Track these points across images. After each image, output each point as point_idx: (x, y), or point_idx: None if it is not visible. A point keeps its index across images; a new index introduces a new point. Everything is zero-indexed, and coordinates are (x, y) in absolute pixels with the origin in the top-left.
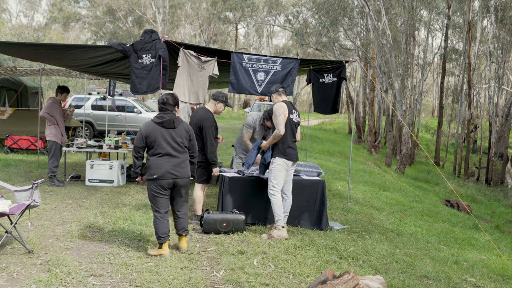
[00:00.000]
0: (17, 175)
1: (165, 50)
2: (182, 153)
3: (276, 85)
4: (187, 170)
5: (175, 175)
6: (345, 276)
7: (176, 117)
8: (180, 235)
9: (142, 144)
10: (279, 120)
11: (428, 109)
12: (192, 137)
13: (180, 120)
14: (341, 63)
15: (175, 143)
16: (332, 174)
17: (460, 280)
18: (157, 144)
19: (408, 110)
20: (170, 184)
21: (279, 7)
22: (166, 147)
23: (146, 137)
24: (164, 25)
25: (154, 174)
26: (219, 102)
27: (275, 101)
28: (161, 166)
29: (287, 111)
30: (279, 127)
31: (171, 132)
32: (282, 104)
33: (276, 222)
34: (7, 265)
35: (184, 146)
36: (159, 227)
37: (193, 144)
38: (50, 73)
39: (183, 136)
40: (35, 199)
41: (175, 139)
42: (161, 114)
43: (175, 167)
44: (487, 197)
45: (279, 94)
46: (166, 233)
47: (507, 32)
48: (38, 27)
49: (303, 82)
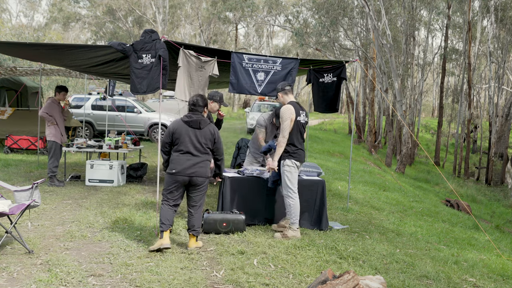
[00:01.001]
0: (17, 175)
1: (165, 50)
2: (203, 154)
3: (282, 83)
4: (206, 170)
5: (192, 173)
6: (345, 276)
7: (203, 119)
8: (189, 234)
9: (168, 140)
10: (285, 125)
11: (428, 109)
12: (217, 140)
13: (208, 122)
14: (341, 63)
15: (198, 143)
16: (332, 174)
17: (460, 280)
18: (181, 142)
19: (408, 110)
20: (185, 181)
21: (279, 7)
22: (189, 145)
23: (172, 134)
24: (164, 25)
25: (173, 169)
26: (213, 101)
27: (282, 100)
28: (181, 163)
29: (294, 115)
30: (284, 132)
31: (196, 132)
32: (290, 107)
33: (292, 224)
34: (7, 265)
35: (207, 148)
36: (162, 214)
37: (218, 147)
38: (50, 73)
39: (207, 138)
40: (35, 199)
41: (199, 139)
42: (190, 114)
43: (194, 165)
44: (487, 197)
45: (286, 93)
46: (168, 221)
47: (507, 32)
48: (38, 27)
49: (303, 82)
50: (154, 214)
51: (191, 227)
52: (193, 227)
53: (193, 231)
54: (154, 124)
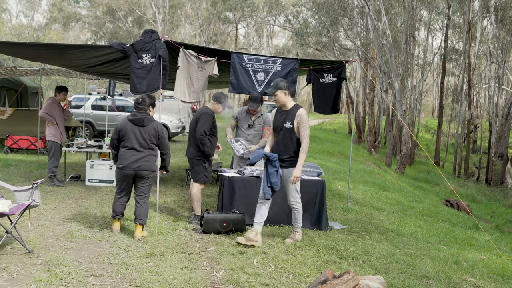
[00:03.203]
0: (17, 175)
1: (165, 50)
2: (147, 149)
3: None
4: (149, 164)
5: (138, 167)
6: (345, 276)
7: (147, 117)
8: (135, 223)
9: (115, 137)
10: (308, 131)
11: (428, 109)
12: (161, 136)
13: (152, 120)
14: (341, 63)
15: (143, 139)
16: (332, 174)
17: (460, 280)
18: (126, 138)
19: (408, 110)
20: (131, 174)
21: (279, 7)
22: (133, 142)
23: (119, 131)
24: (164, 25)
25: (120, 164)
26: (217, 103)
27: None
28: (126, 158)
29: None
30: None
31: (141, 129)
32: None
33: (298, 228)
34: (7, 265)
35: (151, 143)
36: (113, 206)
37: (162, 142)
38: (50, 73)
39: (151, 134)
40: (35, 199)
41: (143, 136)
42: (135, 112)
43: (138, 160)
44: (487, 197)
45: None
46: (116, 212)
47: (507, 32)
48: (38, 27)
49: (303, 82)
50: (154, 214)
51: (137, 216)
52: (139, 216)
53: (139, 220)
54: None
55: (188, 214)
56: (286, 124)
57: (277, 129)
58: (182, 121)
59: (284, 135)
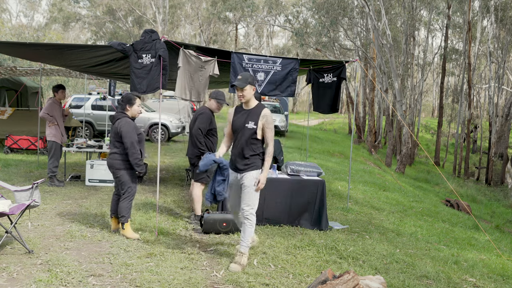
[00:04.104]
0: (17, 175)
1: (165, 50)
2: (114, 147)
3: (251, 75)
4: (113, 162)
5: (108, 164)
6: (345, 276)
7: (117, 115)
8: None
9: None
10: (273, 134)
11: (428, 109)
12: (122, 135)
13: (118, 118)
14: (341, 63)
15: (112, 137)
16: (332, 174)
17: (460, 280)
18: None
19: (408, 110)
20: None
21: (279, 7)
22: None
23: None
24: (164, 25)
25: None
26: (211, 98)
27: (248, 97)
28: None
29: None
30: (273, 142)
31: (112, 127)
32: (269, 110)
33: (246, 248)
34: (7, 265)
35: (115, 141)
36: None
37: (124, 141)
38: (50, 73)
39: (115, 132)
40: (35, 199)
41: (112, 134)
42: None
43: (108, 158)
44: (487, 197)
45: (255, 90)
46: (111, 210)
47: (507, 32)
48: (38, 27)
49: (303, 82)
50: (154, 214)
51: (115, 211)
52: (119, 213)
53: (119, 217)
54: (154, 124)
55: (188, 214)
56: (249, 125)
57: (238, 129)
58: (182, 121)
59: (244, 136)
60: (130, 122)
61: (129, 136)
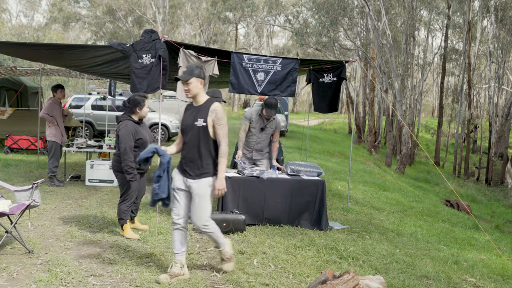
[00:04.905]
0: (17, 175)
1: (165, 50)
2: (116, 150)
3: (197, 67)
4: (114, 164)
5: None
6: (345, 276)
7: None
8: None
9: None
10: (226, 131)
11: (428, 109)
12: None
13: (120, 121)
14: (341, 63)
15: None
16: (332, 174)
17: (460, 280)
18: None
19: (408, 110)
20: None
21: (279, 7)
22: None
23: None
24: (164, 25)
25: None
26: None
27: (196, 90)
28: None
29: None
30: (226, 139)
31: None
32: (219, 105)
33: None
34: (7, 265)
35: (117, 143)
36: None
37: (119, 146)
38: (50, 73)
39: (115, 136)
40: (35, 199)
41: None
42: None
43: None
44: (487, 197)
45: (203, 83)
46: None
47: (507, 32)
48: (38, 27)
49: (303, 82)
50: (154, 214)
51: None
52: (117, 215)
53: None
54: (154, 124)
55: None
56: (198, 122)
57: (187, 128)
58: None
59: (194, 136)
60: (130, 126)
61: (125, 141)
